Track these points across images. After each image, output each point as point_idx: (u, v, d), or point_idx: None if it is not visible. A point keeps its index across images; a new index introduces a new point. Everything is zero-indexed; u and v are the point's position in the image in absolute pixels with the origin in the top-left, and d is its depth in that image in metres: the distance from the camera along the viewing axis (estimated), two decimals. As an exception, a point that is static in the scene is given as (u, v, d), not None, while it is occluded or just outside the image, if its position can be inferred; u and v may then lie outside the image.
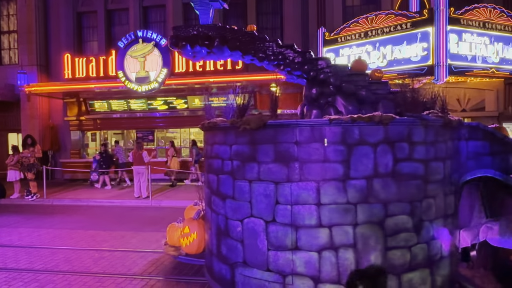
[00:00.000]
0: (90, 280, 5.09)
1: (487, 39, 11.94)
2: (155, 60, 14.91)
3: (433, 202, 4.05)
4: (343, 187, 3.78)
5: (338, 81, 4.51)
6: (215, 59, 5.23)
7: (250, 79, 14.78)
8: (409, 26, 12.09)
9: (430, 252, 4.02)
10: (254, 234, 4.07)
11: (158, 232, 7.56)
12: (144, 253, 6.19)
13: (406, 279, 3.88)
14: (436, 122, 4.07)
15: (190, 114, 15.72)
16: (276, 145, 3.94)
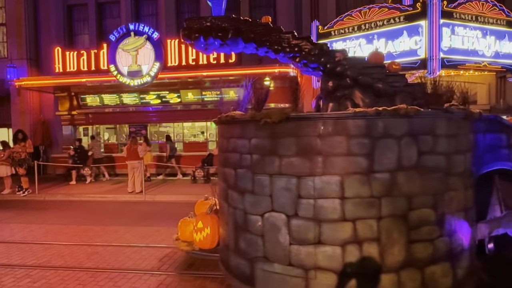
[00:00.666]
0: (84, 275, 4.98)
1: (479, 33, 11.84)
2: (147, 53, 14.51)
3: (455, 195, 4.01)
4: (367, 181, 3.70)
5: (355, 74, 4.41)
6: (227, 51, 5.07)
7: (244, 73, 14.43)
8: (402, 19, 11.92)
9: (451, 245, 3.99)
10: (275, 228, 3.99)
11: (152, 227, 7.45)
12: (138, 248, 6.08)
13: (429, 272, 3.84)
14: (458, 115, 4.03)
15: (183, 108, 15.48)
16: (298, 139, 3.85)
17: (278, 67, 13.93)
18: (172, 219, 8.42)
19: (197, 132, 16.46)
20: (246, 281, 4.28)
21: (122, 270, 5.12)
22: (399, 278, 3.76)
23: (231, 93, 14.94)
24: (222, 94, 15.02)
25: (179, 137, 15.89)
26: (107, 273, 5.01)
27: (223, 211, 4.84)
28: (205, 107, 15.24)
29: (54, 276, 4.96)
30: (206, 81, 14.89)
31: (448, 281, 3.97)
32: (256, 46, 4.79)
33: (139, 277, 4.88)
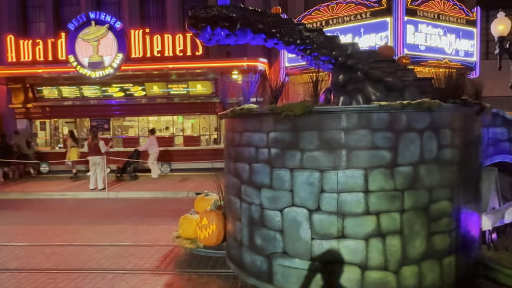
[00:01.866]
0: (42, 277, 4.69)
1: (441, 31, 12.05)
2: (110, 44, 13.70)
3: (468, 187, 4.15)
4: (390, 174, 3.73)
5: (367, 67, 4.40)
6: (231, 42, 4.86)
7: (211, 66, 13.92)
8: (369, 15, 11.90)
9: (465, 236, 4.12)
10: (296, 223, 3.94)
11: (116, 225, 7.15)
12: (100, 247, 5.77)
13: (446, 263, 3.95)
14: (474, 109, 4.14)
15: (148, 101, 14.98)
16: (321, 132, 3.81)
17: (246, 61, 13.60)
18: (137, 216, 7.92)
19: (163, 126, 15.71)
20: (263, 278, 4.22)
21: (84, 270, 4.86)
22: (420, 270, 3.83)
23: (198, 87, 14.27)
24: (189, 88, 14.33)
25: (144, 132, 15.02)
26: (67, 274, 4.73)
27: (233, 207, 4.72)
28: (171, 100, 14.66)
29: (9, 279, 4.64)
30: (172, 74, 14.45)
31: (462, 271, 4.09)
32: (265, 38, 4.66)
33: (102, 277, 4.62)
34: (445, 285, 3.93)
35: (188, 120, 15.83)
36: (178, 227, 5.69)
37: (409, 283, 3.79)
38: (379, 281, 3.75)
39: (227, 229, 5.04)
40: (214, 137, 15.26)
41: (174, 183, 11.96)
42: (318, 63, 4.77)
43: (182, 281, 4.51)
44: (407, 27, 11.57)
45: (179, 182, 12.24)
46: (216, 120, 15.26)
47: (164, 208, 8.73)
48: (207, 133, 15.14)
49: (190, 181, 12.33)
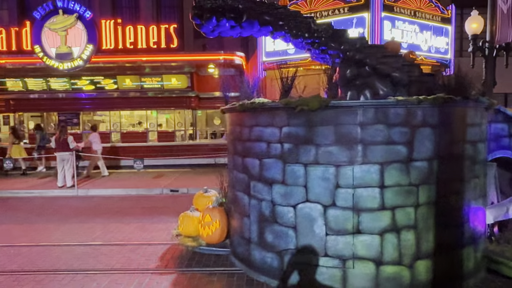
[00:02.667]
0: (5, 279, 4.56)
1: (417, 27, 12.34)
2: (79, 34, 13.32)
3: (478, 182, 4.30)
4: (406, 169, 3.83)
5: (375, 62, 4.45)
6: (234, 34, 4.82)
7: (187, 59, 13.73)
8: (346, 10, 11.98)
9: (474, 230, 4.27)
10: (310, 219, 3.98)
11: (86, 224, 7.01)
12: (69, 246, 5.66)
13: (456, 256, 4.08)
14: (484, 105, 4.29)
15: (120, 95, 14.71)
16: (337, 127, 3.85)
17: (223, 55, 13.53)
18: (109, 214, 7.79)
19: (136, 121, 15.47)
20: (274, 275, 4.24)
21: (51, 271, 4.73)
22: (432, 263, 3.94)
23: (173, 81, 14.08)
24: (163, 81, 14.11)
25: (116, 127, 14.69)
26: (33, 276, 4.61)
27: (240, 204, 4.71)
28: (145, 94, 14.44)
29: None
30: (146, 67, 14.24)
31: (470, 264, 4.24)
32: (272, 30, 4.65)
33: (71, 278, 4.53)
34: (456, 278, 4.07)
35: (162, 115, 15.61)
36: (177, 225, 5.65)
37: (423, 277, 3.90)
38: (394, 276, 3.84)
39: (231, 226, 5.03)
40: (190, 133, 15.12)
41: (147, 180, 11.80)
42: (325, 57, 4.79)
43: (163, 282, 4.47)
44: (384, 23, 11.75)
45: (153, 178, 12.09)
46: (192, 115, 15.12)
47: (137, 206, 8.61)
48: (183, 128, 14.97)
49: (164, 177, 12.19)
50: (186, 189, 10.34)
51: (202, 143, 15.05)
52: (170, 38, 13.84)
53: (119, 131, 14.93)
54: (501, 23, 8.58)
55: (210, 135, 15.82)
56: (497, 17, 8.22)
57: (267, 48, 13.70)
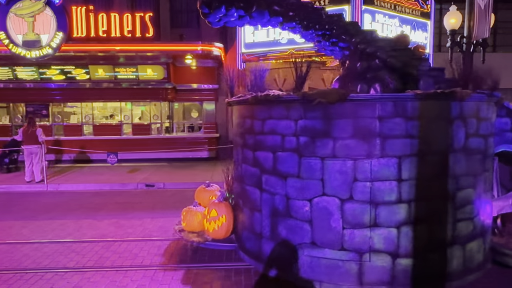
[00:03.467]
0: None
1: (397, 21, 12.53)
2: (48, 21, 12.95)
3: (487, 175, 4.48)
4: (422, 163, 3.93)
5: (385, 56, 4.55)
6: (240, 24, 4.87)
7: (163, 49, 13.51)
8: (327, 2, 12.08)
9: (483, 222, 4.45)
10: (327, 213, 4.05)
11: (56, 220, 6.85)
12: (38, 244, 5.54)
13: (468, 249, 4.26)
14: (495, 99, 4.46)
15: (93, 86, 14.36)
16: (356, 120, 3.93)
17: (201, 45, 13.40)
18: (81, 210, 7.69)
19: (110, 113, 15.23)
20: (288, 270, 4.29)
21: (19, 270, 4.64)
22: (446, 256, 4.09)
23: (148, 71, 13.85)
24: (138, 72, 13.86)
25: (88, 119, 14.36)
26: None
27: (250, 198, 4.74)
28: (119, 85, 14.19)
29: None
30: (120, 57, 13.92)
31: (480, 256, 4.43)
32: (282, 21, 4.66)
33: (40, 277, 4.43)
34: (467, 270, 4.23)
35: (137, 107, 15.34)
36: (181, 220, 5.61)
37: (436, 269, 4.05)
38: (409, 269, 3.96)
39: (240, 220, 5.05)
40: (166, 126, 14.94)
41: (122, 175, 11.66)
42: (334, 50, 4.83)
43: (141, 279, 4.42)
44: (364, 16, 11.89)
45: (127, 173, 11.96)
46: (169, 108, 14.93)
47: (111, 201, 8.50)
48: (159, 121, 14.76)
49: (140, 172, 12.08)
50: (163, 184, 10.28)
51: (179, 136, 14.91)
52: (146, 27, 13.60)
53: (91, 124, 14.58)
54: (479, 19, 8.83)
55: (187, 128, 15.67)
56: (475, 13, 8.46)
57: (246, 39, 13.65)
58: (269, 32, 13.28)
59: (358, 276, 3.98)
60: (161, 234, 5.89)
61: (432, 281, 4.03)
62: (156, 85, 14.24)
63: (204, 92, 14.96)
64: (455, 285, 4.10)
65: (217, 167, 12.92)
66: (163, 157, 13.81)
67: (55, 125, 14.56)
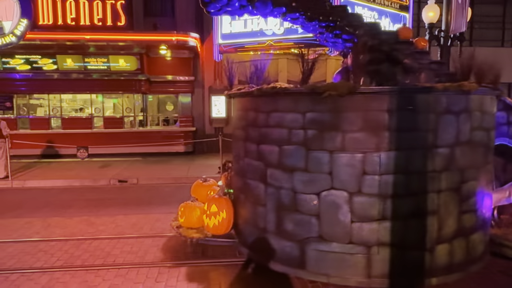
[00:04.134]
0: None
1: (376, 14, 12.72)
2: (10, 7, 12.60)
3: (489, 168, 4.67)
4: (430, 155, 4.07)
5: (388, 49, 4.63)
6: (240, 14, 4.96)
7: (137, 39, 13.25)
8: (307, -6, 11.92)
9: (484, 214, 4.63)
10: (335, 207, 4.13)
11: (21, 218, 6.70)
12: (2, 244, 5.41)
13: (471, 240, 4.44)
14: (497, 93, 4.63)
15: (61, 77, 14.04)
16: (365, 113, 4.01)
17: (176, 35, 13.24)
18: (49, 208, 7.52)
19: (80, 106, 14.89)
20: (293, 264, 4.36)
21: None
22: (451, 247, 4.26)
23: (120, 62, 13.55)
24: (110, 63, 13.54)
25: (56, 112, 13.98)
26: None
27: (253, 192, 4.77)
28: (89, 76, 13.90)
29: None
30: (90, 46, 13.60)
31: (481, 248, 4.61)
32: (285, 12, 4.69)
33: (5, 278, 4.35)
34: (470, 261, 4.41)
35: (109, 100, 15.03)
36: (178, 216, 5.58)
37: (442, 261, 4.20)
38: (416, 260, 4.11)
39: (241, 215, 5.08)
40: (140, 119, 14.70)
41: (93, 170, 11.47)
42: (337, 42, 4.88)
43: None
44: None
45: (99, 168, 11.78)
46: (142, 100, 14.68)
47: (82, 198, 8.37)
48: (132, 114, 14.51)
49: (112, 167, 11.92)
50: (136, 179, 10.17)
51: (154, 130, 14.73)
52: (117, 15, 13.34)
53: (59, 117, 14.22)
54: (456, 13, 9.06)
55: (162, 122, 15.46)
56: (452, 6, 8.66)
57: (223, 29, 13.57)
58: (246, 23, 13.25)
59: (366, 269, 4.08)
60: (135, 231, 5.87)
61: (439, 272, 4.18)
62: (128, 76, 14.02)
63: (180, 84, 14.80)
64: (460, 276, 4.26)
65: (194, 161, 12.86)
66: (137, 152, 13.63)
67: (20, 118, 14.13)
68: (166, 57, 14.42)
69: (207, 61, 14.69)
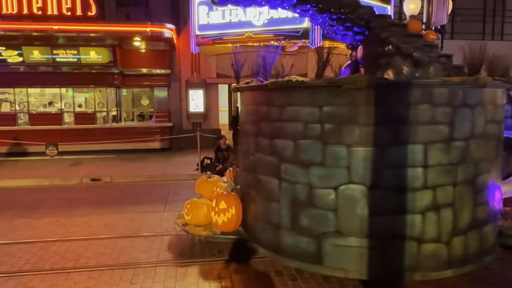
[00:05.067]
0: None
1: (358, 6, 12.69)
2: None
3: (500, 161, 4.89)
4: (447, 149, 4.24)
5: (399, 42, 4.75)
6: (247, 5, 4.91)
7: (109, 30, 13.03)
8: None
9: (495, 206, 4.84)
10: (353, 201, 4.26)
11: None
12: None
13: (484, 232, 4.66)
14: (508, 86, 4.80)
15: (27, 70, 13.77)
16: (383, 107, 4.14)
17: (150, 26, 13.10)
18: (16, 209, 7.63)
19: (49, 100, 14.58)
20: (310, 259, 4.46)
21: None
22: (466, 239, 4.45)
23: (92, 54, 13.29)
24: (80, 55, 13.27)
25: (23, 107, 13.71)
26: None
27: (266, 188, 4.86)
28: (58, 69, 13.62)
29: None
30: (58, 37, 13.29)
31: (492, 239, 4.83)
32: (295, 3, 4.76)
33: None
34: (483, 253, 4.63)
35: (80, 94, 14.73)
36: (183, 214, 5.62)
37: (458, 253, 4.39)
38: (433, 253, 4.29)
39: (252, 212, 5.17)
40: (114, 114, 14.49)
41: (63, 168, 11.32)
42: (347, 34, 5.00)
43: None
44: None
45: (69, 166, 11.63)
46: (116, 94, 14.46)
47: (52, 198, 8.27)
48: (105, 109, 14.29)
49: (84, 165, 11.78)
50: (110, 178, 10.07)
51: (128, 126, 14.57)
52: (88, 4, 13.13)
53: (27, 112, 13.90)
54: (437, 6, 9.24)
55: (137, 117, 15.29)
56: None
57: (200, 21, 13.49)
58: (225, 14, 13.21)
59: (383, 262, 4.24)
60: (108, 232, 5.81)
61: (454, 264, 4.36)
62: (101, 69, 13.81)
63: (155, 78, 14.69)
64: (473, 268, 4.46)
65: (171, 158, 12.78)
66: (110, 149, 13.46)
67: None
68: (140, 49, 14.26)
69: (184, 54, 14.58)
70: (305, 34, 12.61)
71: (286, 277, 4.37)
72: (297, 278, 4.34)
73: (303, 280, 4.30)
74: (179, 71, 14.88)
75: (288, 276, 4.39)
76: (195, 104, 14.72)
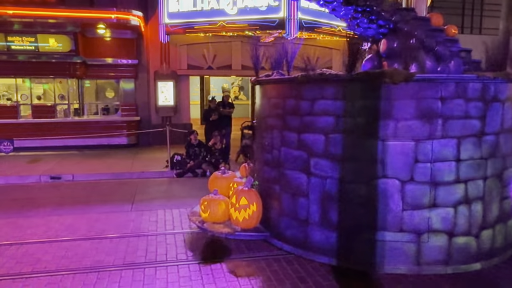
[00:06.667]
0: None
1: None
2: None
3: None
4: (479, 143, 4.57)
5: (422, 35, 5.01)
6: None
7: (69, 16, 12.75)
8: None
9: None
10: (386, 195, 4.50)
11: None
12: None
13: (509, 225, 5.04)
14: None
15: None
16: (419, 101, 4.40)
17: (115, 13, 12.98)
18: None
19: (3, 92, 14.32)
20: (340, 255, 4.69)
21: None
22: (493, 232, 4.80)
23: (51, 42, 12.95)
24: (38, 43, 12.91)
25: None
26: None
27: (292, 183, 5.05)
28: (13, 58, 13.21)
29: None
30: (13, 23, 12.88)
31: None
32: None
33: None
34: (508, 246, 5.00)
35: (38, 85, 14.37)
36: (200, 211, 5.73)
37: (486, 246, 4.73)
38: (463, 246, 4.60)
39: (275, 207, 5.35)
40: (75, 107, 14.22)
41: (20, 166, 11.13)
42: (370, 27, 5.20)
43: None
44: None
45: (27, 164, 11.45)
46: (77, 86, 14.18)
47: (7, 198, 8.12)
48: (66, 102, 13.99)
49: (43, 162, 11.61)
50: (72, 176, 10.00)
51: (92, 119, 14.36)
52: (46, -13, 12.68)
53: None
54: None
55: (101, 111, 15.03)
56: (413, -10, 9.12)
57: (170, 8, 13.44)
58: (196, 1, 13.16)
59: (416, 256, 4.52)
60: (70, 233, 5.76)
61: (483, 257, 4.69)
62: (61, 58, 13.51)
63: (121, 68, 14.51)
64: (499, 261, 4.80)
65: (138, 154, 12.70)
66: (72, 145, 13.31)
67: None
68: (105, 37, 14.08)
69: (152, 43, 14.44)
70: (281, 24, 12.73)
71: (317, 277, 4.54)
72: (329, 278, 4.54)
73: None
74: (147, 61, 14.72)
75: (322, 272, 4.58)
76: (165, 97, 14.63)
